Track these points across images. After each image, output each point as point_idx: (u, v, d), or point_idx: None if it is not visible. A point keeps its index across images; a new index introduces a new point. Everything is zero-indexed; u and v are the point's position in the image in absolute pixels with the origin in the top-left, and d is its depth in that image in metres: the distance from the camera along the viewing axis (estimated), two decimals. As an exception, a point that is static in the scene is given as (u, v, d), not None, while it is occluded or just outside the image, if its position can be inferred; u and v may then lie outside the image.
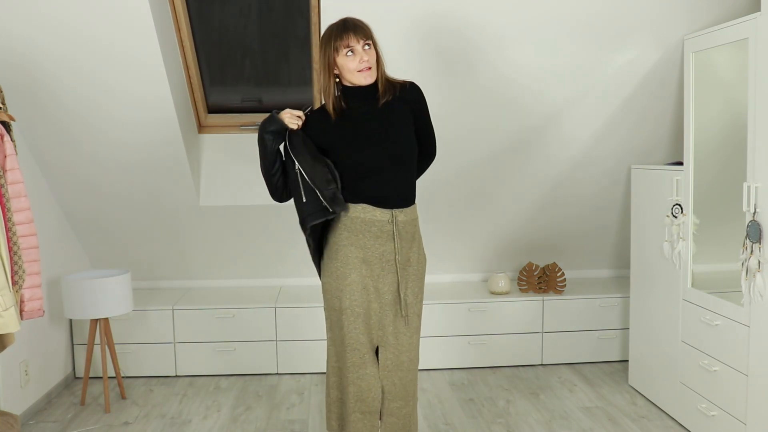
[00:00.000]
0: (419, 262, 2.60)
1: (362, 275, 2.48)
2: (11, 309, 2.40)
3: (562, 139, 3.82)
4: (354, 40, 2.39)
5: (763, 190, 2.69)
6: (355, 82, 2.44)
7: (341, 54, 2.40)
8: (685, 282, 3.28)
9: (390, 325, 2.54)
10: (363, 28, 2.42)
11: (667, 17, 3.27)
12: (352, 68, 2.41)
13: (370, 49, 2.43)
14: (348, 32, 2.39)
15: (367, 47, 2.42)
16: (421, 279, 2.61)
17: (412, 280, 2.57)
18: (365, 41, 2.41)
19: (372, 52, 2.43)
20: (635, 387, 3.83)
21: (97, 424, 3.46)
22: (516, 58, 3.38)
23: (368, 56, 2.41)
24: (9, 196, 2.55)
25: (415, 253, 2.58)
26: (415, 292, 2.58)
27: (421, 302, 2.63)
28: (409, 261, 2.56)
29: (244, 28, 3.77)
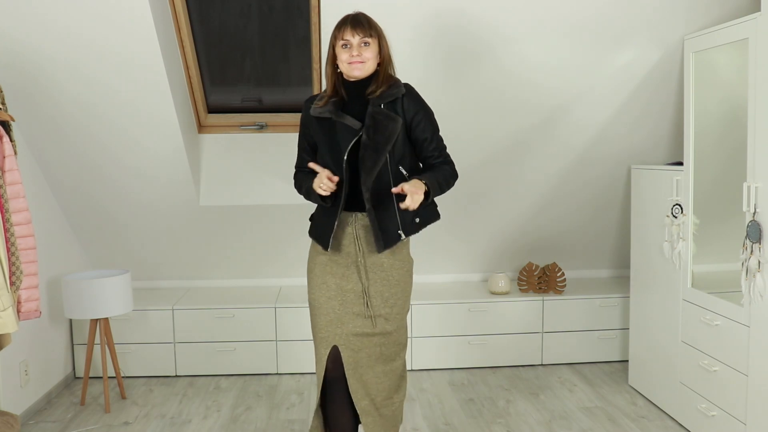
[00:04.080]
0: (393, 267, 2.51)
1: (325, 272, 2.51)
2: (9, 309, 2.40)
3: (562, 139, 3.81)
4: (350, 34, 2.38)
5: (763, 190, 2.69)
6: (347, 73, 2.42)
7: (338, 45, 2.41)
8: (685, 282, 3.28)
9: (349, 324, 2.49)
10: (363, 24, 2.40)
11: (667, 17, 3.27)
12: (344, 59, 2.39)
13: (369, 46, 2.39)
14: (346, 26, 2.39)
15: (365, 44, 2.39)
16: (396, 284, 2.52)
17: (381, 283, 2.50)
18: (363, 37, 2.38)
19: (370, 50, 2.40)
20: (635, 387, 3.83)
21: (97, 424, 3.46)
22: (515, 57, 3.38)
23: (364, 52, 2.39)
24: (8, 196, 2.56)
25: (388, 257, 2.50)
26: (385, 296, 2.50)
27: (399, 307, 2.55)
28: (381, 265, 2.50)
29: (244, 28, 3.77)
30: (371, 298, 2.49)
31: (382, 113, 2.40)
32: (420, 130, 2.48)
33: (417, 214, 2.49)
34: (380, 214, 2.44)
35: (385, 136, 2.38)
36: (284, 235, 4.24)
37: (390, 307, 2.52)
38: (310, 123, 2.51)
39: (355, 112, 2.43)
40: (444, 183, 2.49)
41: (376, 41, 2.42)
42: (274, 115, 4.00)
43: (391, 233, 2.46)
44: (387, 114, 2.40)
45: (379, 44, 2.43)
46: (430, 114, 2.52)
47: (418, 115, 2.47)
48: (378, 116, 2.39)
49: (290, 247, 4.33)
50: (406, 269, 2.56)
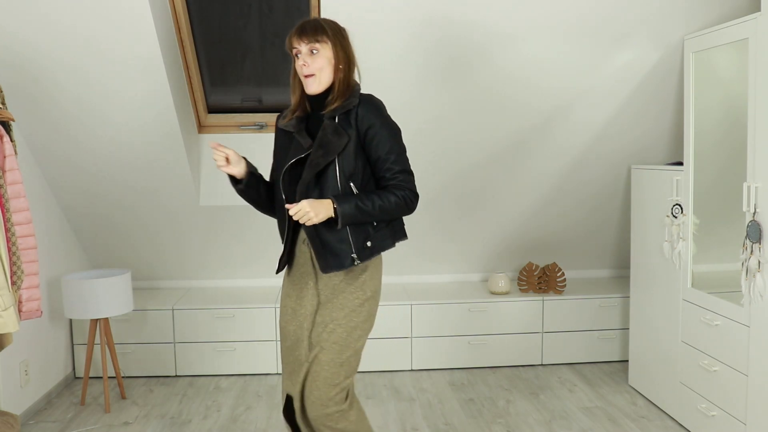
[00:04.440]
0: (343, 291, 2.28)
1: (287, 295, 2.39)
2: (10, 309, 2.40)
3: (562, 139, 3.81)
4: (297, 42, 2.19)
5: (763, 190, 2.69)
6: (305, 88, 2.26)
7: (293, 55, 2.25)
8: (685, 282, 3.28)
9: (302, 350, 2.32)
10: (308, 30, 2.18)
11: (666, 17, 3.27)
12: (297, 71, 2.24)
13: (318, 54, 2.18)
14: (294, 33, 2.20)
15: (314, 52, 2.18)
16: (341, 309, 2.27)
17: (326, 306, 2.29)
18: (310, 44, 2.17)
19: (320, 57, 2.19)
20: (635, 387, 3.83)
21: (97, 424, 3.46)
22: (515, 57, 3.38)
23: (313, 62, 2.19)
24: (8, 196, 2.55)
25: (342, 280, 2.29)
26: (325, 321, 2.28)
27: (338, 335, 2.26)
28: (333, 288, 2.29)
29: (244, 28, 3.77)
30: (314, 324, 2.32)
31: (330, 127, 2.20)
32: (373, 147, 2.22)
33: (368, 237, 2.25)
34: (329, 234, 2.22)
35: (325, 150, 2.18)
36: (284, 235, 4.24)
37: (328, 333, 2.26)
38: (278, 136, 2.39)
39: (317, 126, 2.28)
40: (374, 209, 2.19)
41: (328, 46, 2.19)
42: (274, 115, 4.00)
43: (342, 255, 2.23)
44: (335, 128, 2.19)
45: (335, 49, 2.21)
46: (389, 131, 2.24)
47: (372, 130, 2.21)
48: (327, 129, 2.20)
49: (290, 247, 4.33)
50: (359, 299, 2.29)
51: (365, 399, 3.77)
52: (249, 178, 2.32)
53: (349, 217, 2.16)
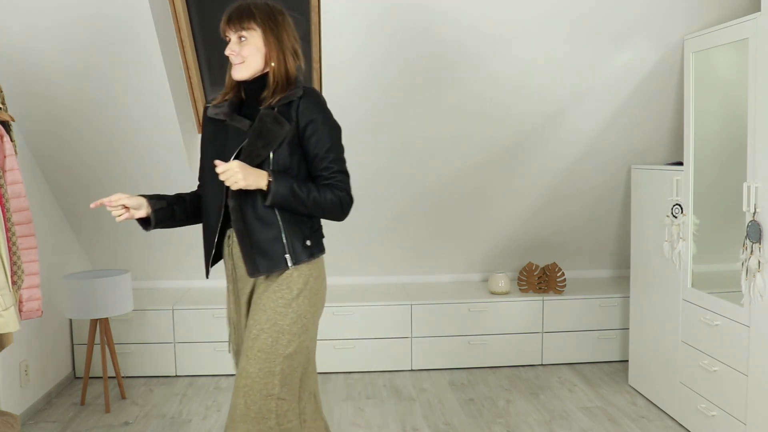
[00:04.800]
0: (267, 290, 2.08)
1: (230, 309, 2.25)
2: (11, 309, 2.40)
3: (562, 139, 3.81)
4: (226, 29, 2.05)
5: (763, 190, 2.69)
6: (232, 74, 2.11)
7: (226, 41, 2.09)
8: (685, 282, 3.28)
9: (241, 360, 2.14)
10: (238, 16, 2.04)
11: (666, 17, 3.27)
12: (225, 53, 2.08)
13: (248, 41, 2.04)
14: (224, 19, 2.06)
15: (242, 39, 2.04)
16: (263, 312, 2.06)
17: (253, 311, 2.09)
18: (239, 32, 2.03)
19: (249, 45, 2.04)
20: (635, 387, 3.83)
21: (97, 424, 3.46)
22: (516, 58, 3.38)
23: (242, 49, 2.04)
24: (8, 196, 2.55)
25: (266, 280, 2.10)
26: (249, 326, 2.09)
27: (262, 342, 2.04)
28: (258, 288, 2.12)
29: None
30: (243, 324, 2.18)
31: (270, 115, 2.04)
32: (311, 143, 2.07)
33: (307, 237, 2.09)
34: (261, 231, 2.04)
35: (265, 140, 2.02)
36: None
37: (252, 340, 2.04)
38: (206, 126, 2.19)
39: (251, 114, 2.12)
40: (308, 200, 2.02)
41: (257, 33, 2.04)
42: (274, 115, 4.00)
43: (274, 257, 2.04)
44: (275, 117, 2.03)
45: (265, 37, 2.05)
46: (330, 129, 2.10)
47: (312, 125, 2.06)
48: (265, 118, 2.04)
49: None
50: (284, 299, 2.06)
51: (365, 399, 3.77)
52: (157, 214, 2.13)
53: (281, 198, 1.98)
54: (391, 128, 3.67)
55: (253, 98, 2.12)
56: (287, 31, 2.08)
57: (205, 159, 2.16)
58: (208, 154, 2.15)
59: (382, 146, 3.75)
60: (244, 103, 2.15)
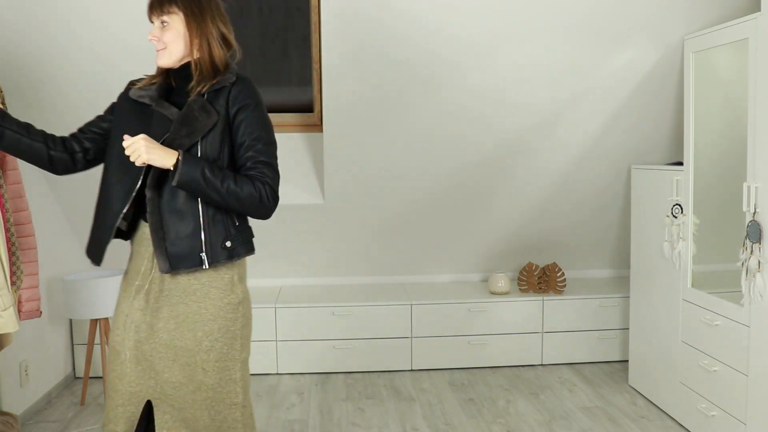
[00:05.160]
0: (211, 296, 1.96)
1: (133, 307, 1.97)
2: (10, 309, 2.40)
3: (563, 139, 3.81)
4: (150, 14, 1.95)
5: (763, 190, 2.69)
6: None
7: None
8: (685, 282, 3.28)
9: (166, 372, 1.95)
10: (157, 2, 1.94)
11: (666, 17, 3.27)
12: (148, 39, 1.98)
13: (169, 27, 1.93)
14: (149, 4, 1.96)
15: (164, 24, 1.93)
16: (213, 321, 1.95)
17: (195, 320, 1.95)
18: (160, 17, 1.93)
19: (171, 31, 1.93)
20: (635, 387, 3.83)
21: (96, 424, 3.46)
22: (516, 58, 3.38)
23: (163, 35, 1.93)
24: (8, 196, 2.55)
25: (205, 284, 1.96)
26: (198, 336, 1.94)
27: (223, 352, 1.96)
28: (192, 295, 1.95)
29: (244, 27, 3.77)
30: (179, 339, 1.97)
31: (198, 103, 1.92)
32: (240, 131, 1.94)
33: (228, 237, 1.95)
34: (178, 224, 1.91)
35: (190, 129, 1.90)
36: (284, 235, 4.24)
37: (206, 352, 1.94)
38: (122, 107, 2.03)
39: (181, 103, 1.99)
40: (222, 188, 1.86)
41: (179, 18, 1.93)
42: (274, 115, 4.00)
43: (189, 253, 1.91)
44: (203, 105, 1.92)
45: (188, 22, 1.93)
46: (261, 117, 1.97)
47: (242, 113, 1.95)
48: (194, 105, 1.92)
49: (290, 247, 4.33)
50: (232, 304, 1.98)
51: (365, 399, 3.77)
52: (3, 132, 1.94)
53: (189, 179, 1.83)
54: (391, 127, 3.67)
55: (183, 86, 1.99)
56: (213, 16, 1.96)
57: (117, 140, 1.97)
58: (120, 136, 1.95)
59: (383, 146, 3.75)
60: (173, 90, 2.02)
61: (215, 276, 1.96)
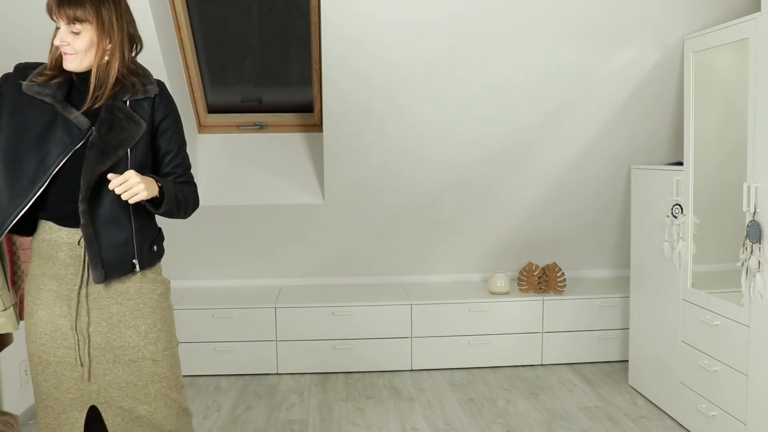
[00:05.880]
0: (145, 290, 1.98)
1: (55, 314, 1.92)
2: (10, 309, 2.40)
3: (563, 139, 3.82)
4: (56, 14, 1.78)
5: (763, 190, 2.69)
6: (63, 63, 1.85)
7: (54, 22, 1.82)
8: (685, 282, 3.28)
9: (108, 375, 1.94)
10: (74, 5, 1.76)
11: (667, 17, 3.27)
12: (55, 43, 1.82)
13: (80, 36, 1.79)
14: (53, 4, 1.78)
15: (74, 33, 1.79)
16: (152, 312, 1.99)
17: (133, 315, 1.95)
18: (70, 23, 1.78)
19: (83, 39, 1.79)
20: (635, 387, 3.83)
21: (97, 424, 3.46)
22: (516, 57, 3.38)
23: (74, 41, 1.80)
24: (9, 196, 2.55)
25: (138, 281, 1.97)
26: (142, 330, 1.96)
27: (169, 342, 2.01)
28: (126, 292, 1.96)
29: (244, 28, 3.77)
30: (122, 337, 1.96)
31: (124, 111, 1.87)
32: (165, 139, 1.96)
33: (154, 241, 2.01)
34: (110, 236, 1.89)
35: (120, 138, 1.85)
36: (284, 235, 4.24)
37: (153, 344, 1.97)
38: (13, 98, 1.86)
39: (79, 102, 1.87)
40: (183, 201, 1.96)
41: (95, 27, 1.80)
42: (274, 115, 4.01)
43: (123, 261, 1.92)
44: (130, 114, 1.88)
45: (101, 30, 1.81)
46: (180, 124, 2.01)
47: (167, 120, 1.96)
48: (118, 113, 1.87)
49: (290, 247, 4.33)
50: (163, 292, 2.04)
51: (365, 399, 3.77)
52: None
53: (172, 201, 1.89)
54: (391, 127, 3.67)
55: (85, 88, 1.88)
56: (122, 20, 1.85)
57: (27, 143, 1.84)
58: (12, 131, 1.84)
59: (382, 146, 3.75)
60: (73, 88, 1.89)
61: (143, 275, 1.98)
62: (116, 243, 1.90)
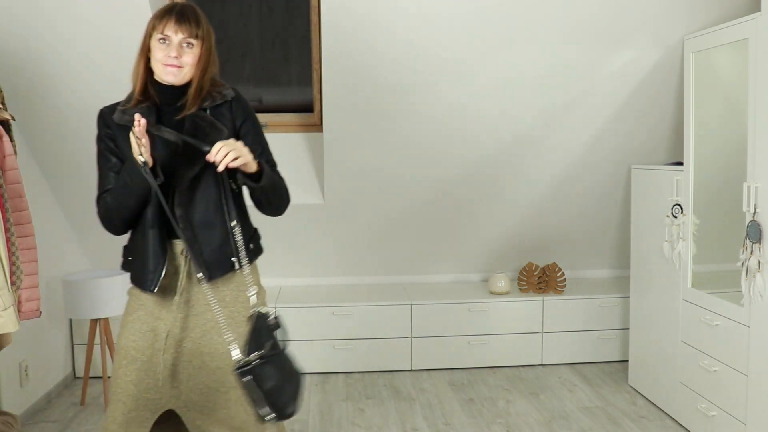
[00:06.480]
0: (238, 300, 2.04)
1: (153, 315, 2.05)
2: (10, 309, 2.40)
3: (563, 139, 3.81)
4: (172, 30, 1.92)
5: (763, 190, 2.69)
6: (159, 75, 1.98)
7: (155, 38, 1.95)
8: (685, 282, 3.28)
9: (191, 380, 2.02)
10: (190, 21, 1.94)
11: (666, 17, 3.27)
12: (159, 58, 1.95)
13: (192, 49, 1.95)
14: (170, 18, 1.93)
15: (188, 46, 1.94)
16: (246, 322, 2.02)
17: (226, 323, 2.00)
18: (187, 37, 1.93)
19: (193, 54, 1.95)
20: (635, 387, 3.83)
21: (97, 424, 3.46)
22: (517, 58, 3.38)
23: (184, 55, 1.94)
24: (8, 196, 2.55)
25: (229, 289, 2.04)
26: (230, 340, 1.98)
27: None
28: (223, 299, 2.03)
29: (244, 28, 3.77)
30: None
31: (206, 119, 1.98)
32: (249, 141, 2.02)
33: (251, 240, 2.08)
34: (208, 238, 1.98)
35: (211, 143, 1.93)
36: (284, 235, 4.24)
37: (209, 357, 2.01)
38: (116, 135, 2.05)
39: (167, 120, 2.00)
40: (278, 186, 2.04)
41: (201, 44, 1.97)
42: (274, 115, 4.01)
43: (222, 261, 2.00)
44: (212, 122, 1.98)
45: (204, 47, 1.97)
46: (258, 125, 2.12)
47: (247, 123, 2.07)
48: (200, 122, 1.98)
49: (290, 246, 4.33)
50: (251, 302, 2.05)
51: (365, 399, 3.77)
52: None
53: (269, 177, 1.97)
54: (391, 127, 3.67)
55: (171, 104, 2.01)
56: (213, 36, 2.02)
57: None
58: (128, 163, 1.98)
59: (382, 146, 3.75)
60: (159, 109, 2.02)
61: (242, 280, 2.03)
62: (215, 244, 1.98)
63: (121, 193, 2.00)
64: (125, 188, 1.98)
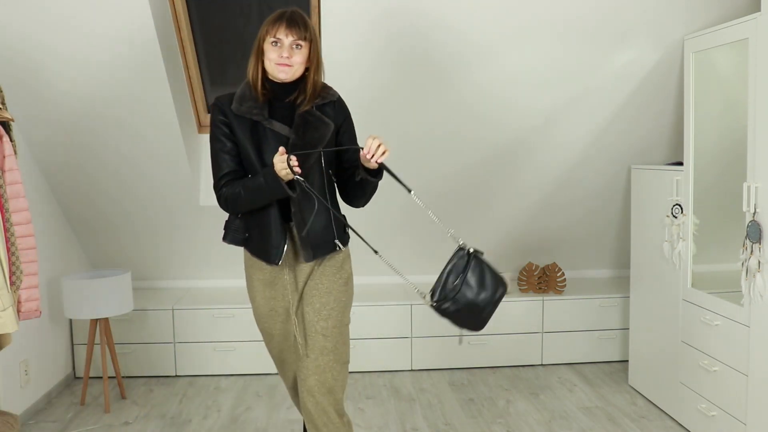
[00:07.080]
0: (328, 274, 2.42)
1: (266, 297, 2.48)
2: (9, 309, 2.40)
3: (563, 140, 3.81)
4: (283, 33, 2.20)
5: (763, 190, 2.69)
6: (272, 73, 2.25)
7: (268, 42, 2.23)
8: (685, 282, 3.28)
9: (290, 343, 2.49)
10: (299, 25, 2.22)
11: (666, 17, 3.27)
12: (272, 58, 2.23)
13: (301, 50, 2.23)
14: (281, 23, 2.21)
15: (297, 47, 2.22)
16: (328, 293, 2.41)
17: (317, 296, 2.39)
18: (297, 40, 2.21)
19: (301, 54, 2.23)
20: (635, 387, 3.83)
21: (97, 424, 3.46)
22: (517, 57, 3.38)
23: (294, 55, 2.22)
24: (8, 196, 2.55)
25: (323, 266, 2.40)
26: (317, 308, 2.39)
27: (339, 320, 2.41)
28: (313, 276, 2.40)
29: (244, 28, 3.77)
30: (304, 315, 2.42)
31: (314, 115, 2.29)
32: (347, 138, 2.40)
33: (345, 225, 2.45)
34: (315, 221, 2.33)
35: (314, 137, 2.26)
36: (284, 235, 4.24)
37: (324, 320, 2.38)
38: (235, 125, 2.30)
39: (279, 115, 2.31)
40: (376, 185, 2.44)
41: (309, 45, 2.25)
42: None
43: (327, 242, 2.37)
44: (320, 117, 2.29)
45: (311, 48, 2.26)
46: (353, 127, 2.44)
47: (346, 123, 2.39)
48: (309, 117, 2.28)
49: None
50: (343, 279, 2.44)
51: (365, 399, 3.77)
52: None
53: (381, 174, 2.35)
54: (390, 127, 3.66)
55: (281, 99, 2.30)
56: (319, 40, 2.33)
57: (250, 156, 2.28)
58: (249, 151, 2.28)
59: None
60: (272, 104, 2.30)
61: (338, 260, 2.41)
62: (319, 228, 2.33)
63: (257, 193, 2.25)
64: (260, 190, 2.23)
